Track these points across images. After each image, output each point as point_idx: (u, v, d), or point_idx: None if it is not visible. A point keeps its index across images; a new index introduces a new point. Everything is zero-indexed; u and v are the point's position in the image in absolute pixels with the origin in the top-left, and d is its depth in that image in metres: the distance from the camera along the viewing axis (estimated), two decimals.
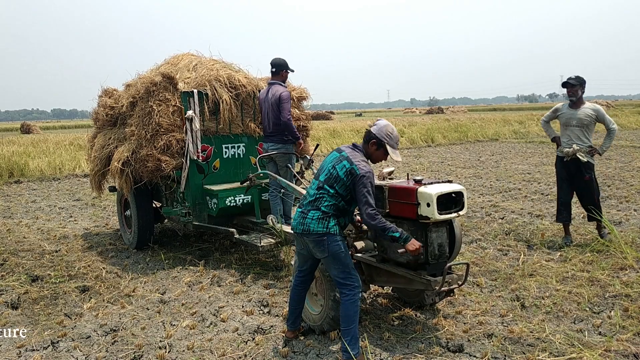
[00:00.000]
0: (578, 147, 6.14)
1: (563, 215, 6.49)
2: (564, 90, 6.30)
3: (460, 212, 3.94)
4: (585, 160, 6.13)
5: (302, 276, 4.02)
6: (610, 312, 4.41)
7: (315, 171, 5.97)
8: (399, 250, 3.74)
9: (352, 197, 3.71)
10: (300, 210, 3.82)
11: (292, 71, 6.28)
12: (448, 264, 3.91)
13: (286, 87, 6.15)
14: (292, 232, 3.97)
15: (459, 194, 3.94)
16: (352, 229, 4.43)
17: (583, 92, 6.26)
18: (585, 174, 6.21)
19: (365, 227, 4.38)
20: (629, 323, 4.17)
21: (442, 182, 4.00)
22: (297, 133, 6.16)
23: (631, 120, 31.45)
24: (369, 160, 3.86)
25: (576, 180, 6.32)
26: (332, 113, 61.08)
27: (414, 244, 3.62)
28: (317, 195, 3.73)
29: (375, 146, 3.84)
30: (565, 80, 6.29)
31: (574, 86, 6.19)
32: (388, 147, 3.82)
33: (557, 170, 6.55)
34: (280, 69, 6.16)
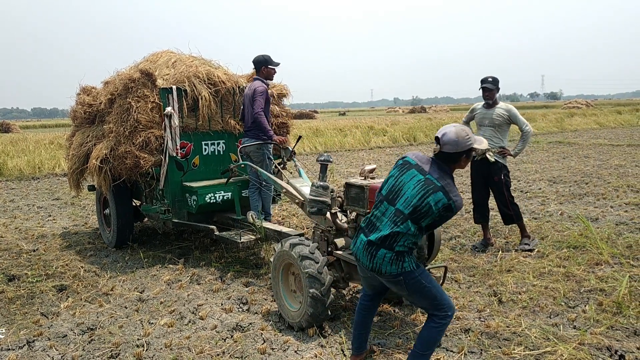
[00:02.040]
0: (487, 147, 6.12)
1: (476, 216, 6.47)
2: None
3: None
4: (493, 160, 6.03)
5: (369, 301, 3.54)
6: (585, 306, 4.48)
7: (298, 164, 5.96)
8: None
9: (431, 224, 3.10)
10: (364, 239, 3.18)
11: (276, 65, 6.14)
12: (427, 267, 3.93)
13: (265, 83, 6.09)
14: (355, 258, 3.35)
15: None
16: (331, 225, 4.43)
17: (497, 93, 6.25)
18: (494, 175, 6.13)
19: (341, 224, 4.36)
20: (603, 317, 4.24)
21: None
22: (270, 131, 5.95)
23: (610, 119, 32.00)
24: None
25: (488, 182, 6.24)
26: (316, 112, 61.15)
27: None
28: (393, 231, 3.05)
29: (467, 158, 3.21)
30: (483, 79, 6.24)
31: (492, 90, 6.15)
32: (475, 146, 3.25)
33: (471, 171, 6.44)
34: (259, 66, 6.13)
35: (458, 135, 3.13)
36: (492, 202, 6.47)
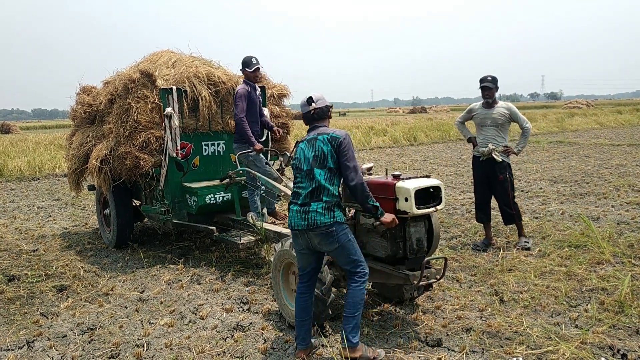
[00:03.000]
0: (493, 147, 6.08)
1: (479, 215, 6.43)
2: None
3: (438, 207, 3.95)
4: (500, 159, 6.05)
5: (307, 280, 3.76)
6: (587, 305, 4.46)
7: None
8: (375, 223, 3.69)
9: None
10: (296, 207, 3.62)
11: (253, 67, 5.89)
12: (426, 259, 3.93)
13: (249, 84, 5.91)
14: (290, 230, 3.74)
15: (437, 189, 3.96)
16: None
17: (496, 92, 6.21)
18: (499, 174, 6.12)
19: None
20: (605, 316, 4.22)
21: (420, 177, 4.02)
22: (250, 137, 5.76)
23: (610, 118, 31.98)
24: None
25: (492, 181, 6.22)
26: None
27: (389, 216, 3.64)
28: (313, 186, 3.55)
29: (330, 115, 3.86)
30: (482, 78, 6.19)
31: (492, 89, 6.11)
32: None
33: (473, 170, 6.46)
34: (242, 69, 6.00)
35: (321, 94, 3.79)
36: (492, 202, 6.45)
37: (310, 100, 3.75)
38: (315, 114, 3.75)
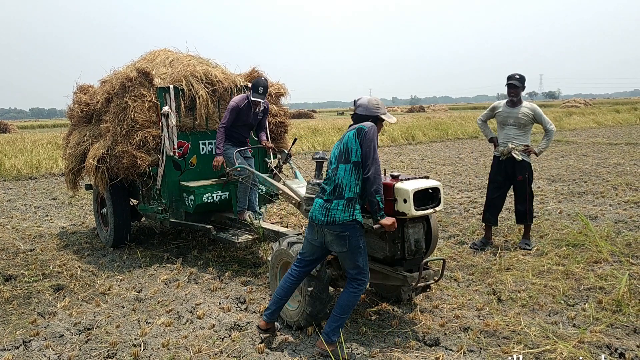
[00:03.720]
0: (513, 146, 6.00)
1: (487, 216, 6.34)
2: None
3: (437, 208, 3.94)
4: (520, 158, 5.97)
5: (302, 266, 3.84)
6: (585, 304, 4.46)
7: (294, 166, 5.97)
8: (375, 226, 3.69)
9: None
10: (320, 201, 3.70)
11: (258, 100, 5.85)
12: (424, 260, 3.92)
13: (240, 99, 5.91)
14: (309, 220, 3.80)
15: (436, 190, 3.94)
16: None
17: (522, 91, 6.06)
18: (518, 174, 6.05)
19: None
20: (603, 315, 4.22)
21: (419, 178, 4.00)
22: (219, 148, 5.83)
23: (608, 118, 31.98)
24: None
25: (511, 180, 6.16)
26: (314, 112, 61.10)
27: (390, 219, 3.65)
28: (337, 182, 3.63)
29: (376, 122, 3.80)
30: (510, 75, 6.01)
31: (518, 87, 5.98)
32: (384, 117, 3.81)
33: (491, 170, 6.33)
34: (250, 89, 6.06)
35: (369, 102, 3.81)
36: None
37: (354, 102, 3.88)
38: (355, 117, 3.85)
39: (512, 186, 6.25)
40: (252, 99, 5.84)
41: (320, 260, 3.89)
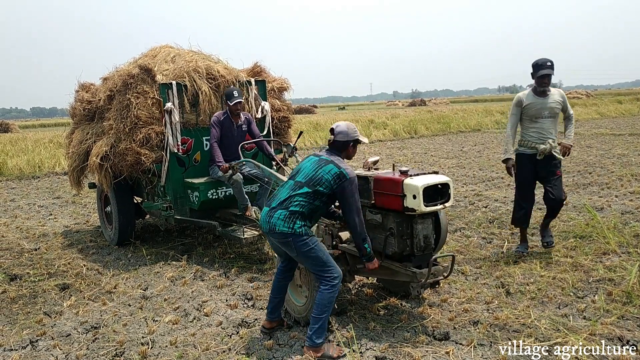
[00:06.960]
0: (555, 144, 5.39)
1: (522, 219, 5.70)
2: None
3: (446, 204, 3.88)
4: (561, 156, 5.43)
5: (284, 271, 4.00)
6: (594, 296, 4.43)
7: (299, 160, 5.92)
8: (358, 266, 3.88)
9: (330, 198, 3.72)
10: (267, 209, 3.76)
11: (237, 102, 5.86)
12: (434, 256, 3.88)
13: (220, 113, 5.97)
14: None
15: (445, 186, 3.88)
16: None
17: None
18: (556, 170, 5.45)
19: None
20: (613, 307, 4.18)
21: (428, 173, 3.92)
22: (220, 161, 5.78)
23: (610, 108, 31.85)
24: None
25: (547, 177, 5.48)
26: (315, 107, 60.97)
27: (374, 264, 3.82)
28: (290, 194, 3.66)
29: (353, 147, 3.87)
30: (541, 62, 5.28)
31: (551, 76, 5.29)
32: (361, 139, 3.89)
33: (522, 171, 5.55)
34: (225, 100, 6.04)
35: (348, 127, 3.80)
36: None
37: (331, 130, 3.83)
38: (334, 144, 3.82)
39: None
40: (231, 103, 5.83)
41: (295, 264, 4.00)
